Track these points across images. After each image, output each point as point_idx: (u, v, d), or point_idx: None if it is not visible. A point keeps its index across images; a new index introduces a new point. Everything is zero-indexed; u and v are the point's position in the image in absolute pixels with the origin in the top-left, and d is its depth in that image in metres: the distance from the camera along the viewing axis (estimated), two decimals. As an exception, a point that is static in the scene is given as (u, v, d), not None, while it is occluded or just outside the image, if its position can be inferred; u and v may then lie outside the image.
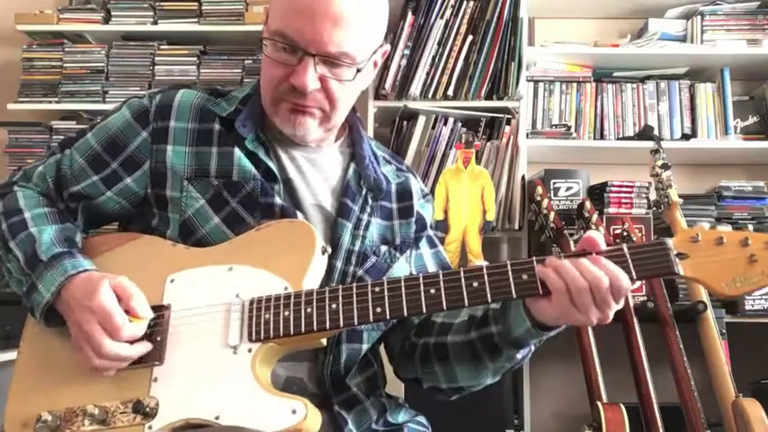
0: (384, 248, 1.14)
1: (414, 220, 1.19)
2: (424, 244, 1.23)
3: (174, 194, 1.08)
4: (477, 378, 1.09)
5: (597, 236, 0.93)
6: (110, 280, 0.96)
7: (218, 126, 1.10)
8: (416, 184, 1.24)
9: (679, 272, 0.89)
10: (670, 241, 0.90)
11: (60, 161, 1.12)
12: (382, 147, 1.28)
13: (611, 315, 0.90)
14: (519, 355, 1.02)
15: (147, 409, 0.93)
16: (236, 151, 1.09)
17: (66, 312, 0.98)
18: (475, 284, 0.92)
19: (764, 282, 0.87)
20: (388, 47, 1.14)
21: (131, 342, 0.95)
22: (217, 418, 0.90)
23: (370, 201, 1.15)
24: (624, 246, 0.91)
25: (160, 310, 1.00)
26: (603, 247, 0.92)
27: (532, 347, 1.02)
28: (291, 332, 0.95)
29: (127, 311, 0.95)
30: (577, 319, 0.90)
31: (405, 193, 1.20)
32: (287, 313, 0.95)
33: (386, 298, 0.94)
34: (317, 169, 1.15)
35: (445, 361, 1.09)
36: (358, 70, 1.05)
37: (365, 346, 1.11)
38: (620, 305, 0.91)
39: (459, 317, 1.10)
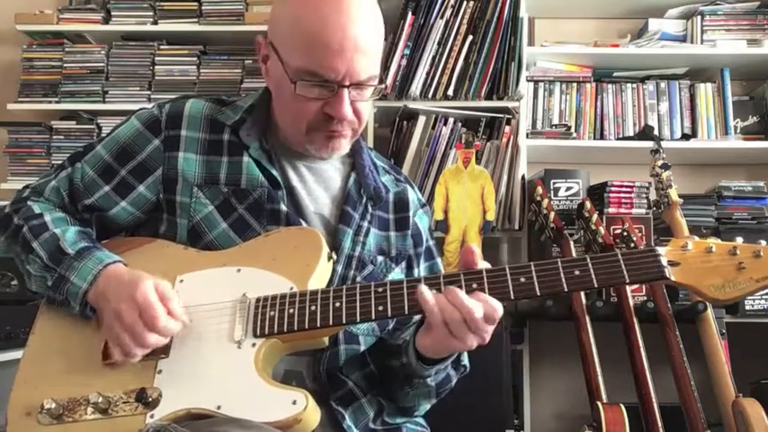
0: (380, 258, 1.17)
1: (410, 233, 1.21)
2: (421, 261, 1.25)
3: (184, 200, 1.11)
4: (411, 401, 1.14)
5: (474, 248, 1.01)
6: (152, 279, 0.99)
7: (227, 136, 1.14)
8: (413, 195, 1.26)
9: (670, 277, 0.94)
10: (661, 249, 0.96)
11: (72, 175, 1.15)
12: (381, 157, 1.31)
13: (487, 338, 0.96)
14: (431, 382, 1.08)
15: (150, 399, 0.95)
16: (245, 159, 1.12)
17: (99, 301, 1.00)
18: (474, 286, 0.96)
19: (753, 287, 0.93)
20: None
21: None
22: (218, 408, 0.92)
23: (369, 209, 1.17)
24: (618, 251, 0.96)
25: None
26: (479, 256, 0.99)
27: (441, 375, 1.09)
28: (295, 328, 0.97)
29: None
30: (455, 346, 0.97)
31: (402, 204, 1.22)
32: (291, 311, 0.98)
33: (388, 297, 0.97)
34: (318, 178, 1.17)
35: (391, 383, 1.13)
36: (377, 89, 1.09)
37: (362, 348, 1.13)
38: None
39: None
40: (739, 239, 0.96)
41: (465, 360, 1.17)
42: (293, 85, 1.04)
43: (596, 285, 0.95)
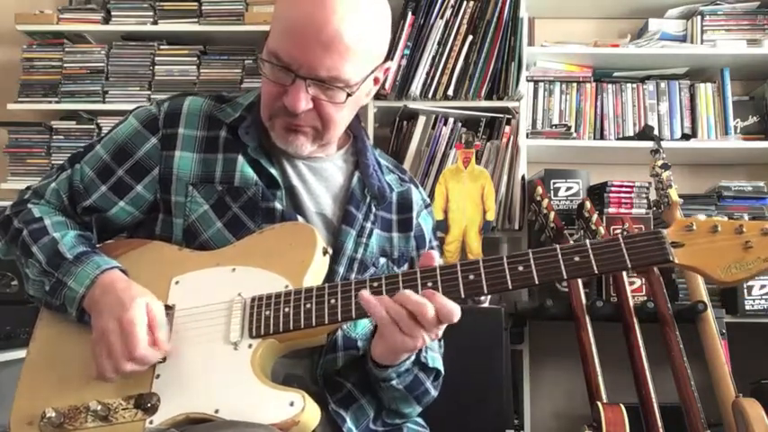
0: (382, 261, 1.16)
1: (413, 234, 1.20)
2: None
3: (179, 199, 1.10)
4: (389, 403, 1.12)
5: (434, 253, 0.99)
6: (147, 300, 0.98)
7: (224, 133, 1.12)
8: (417, 195, 1.24)
9: (674, 260, 0.90)
10: (665, 231, 0.92)
11: (72, 176, 1.14)
12: (385, 156, 1.29)
13: (440, 333, 0.95)
14: (397, 385, 1.06)
15: (149, 405, 0.94)
16: (239, 158, 1.11)
17: (92, 309, 1.00)
18: (471, 277, 0.94)
19: (761, 266, 0.88)
20: (390, 64, 1.14)
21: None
22: (216, 411, 0.92)
23: (373, 209, 1.16)
24: (620, 235, 0.92)
25: (165, 310, 1.01)
26: (437, 263, 0.96)
27: (408, 378, 1.06)
28: (291, 327, 0.96)
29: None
30: (406, 345, 0.93)
31: (405, 204, 1.20)
32: (287, 309, 0.97)
33: (383, 293, 0.95)
34: (318, 177, 1.16)
35: (373, 384, 1.12)
36: (349, 94, 1.04)
37: (360, 353, 1.12)
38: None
39: None
40: (745, 216, 0.90)
41: (434, 363, 1.12)
42: (262, 64, 1.04)
43: (597, 271, 0.91)
